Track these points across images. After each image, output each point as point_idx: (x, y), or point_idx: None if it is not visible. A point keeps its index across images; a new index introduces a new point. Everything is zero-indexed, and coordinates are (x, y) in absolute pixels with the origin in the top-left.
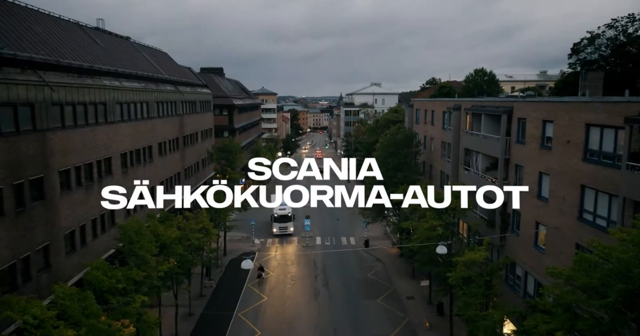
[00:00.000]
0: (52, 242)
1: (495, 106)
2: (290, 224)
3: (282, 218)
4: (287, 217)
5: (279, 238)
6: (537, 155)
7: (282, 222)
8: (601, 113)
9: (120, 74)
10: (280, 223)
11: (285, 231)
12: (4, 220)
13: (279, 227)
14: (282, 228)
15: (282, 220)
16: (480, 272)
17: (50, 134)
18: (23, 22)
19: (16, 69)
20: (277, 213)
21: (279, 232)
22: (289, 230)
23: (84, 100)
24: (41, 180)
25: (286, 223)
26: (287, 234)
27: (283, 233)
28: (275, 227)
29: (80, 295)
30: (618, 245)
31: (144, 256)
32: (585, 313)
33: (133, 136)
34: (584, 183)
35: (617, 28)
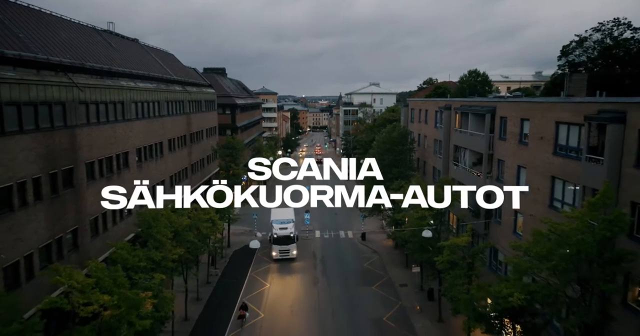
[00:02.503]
0: (80, 226)
1: (480, 106)
2: (293, 246)
3: (283, 240)
4: (289, 238)
5: (278, 265)
6: (516, 150)
7: (282, 244)
8: (567, 112)
9: (135, 75)
10: (281, 246)
11: (286, 255)
12: (43, 204)
13: (279, 250)
14: (283, 252)
15: (283, 242)
16: (463, 255)
17: (78, 130)
18: (50, 28)
19: (50, 71)
20: (277, 233)
21: (279, 256)
22: (291, 253)
23: (105, 99)
24: (71, 171)
25: (288, 246)
26: (288, 258)
27: (284, 257)
28: (274, 250)
29: (110, 269)
30: (565, 221)
31: (160, 239)
32: (540, 279)
33: (146, 133)
34: (554, 175)
35: (603, 31)
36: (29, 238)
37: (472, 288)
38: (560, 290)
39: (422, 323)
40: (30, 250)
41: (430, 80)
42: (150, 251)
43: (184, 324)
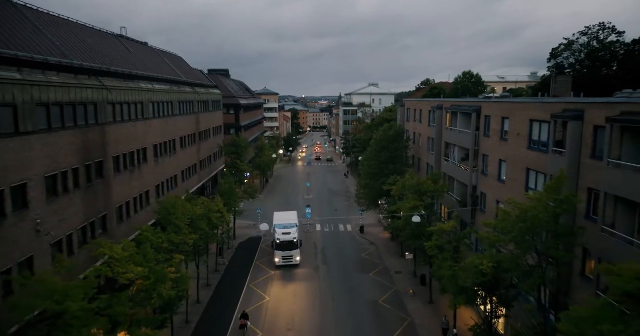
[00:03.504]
0: (108, 212)
1: (468, 106)
2: (297, 252)
3: (286, 246)
4: (293, 243)
5: (281, 272)
6: (498, 146)
7: (286, 249)
8: (539, 112)
9: (151, 77)
10: (284, 252)
11: (289, 261)
12: (80, 191)
13: (282, 256)
14: (286, 258)
15: (286, 247)
16: (449, 240)
17: (106, 127)
18: (78, 36)
19: (84, 75)
20: (280, 239)
21: (282, 262)
22: (294, 259)
23: (128, 100)
24: (101, 163)
25: (291, 252)
26: (292, 265)
27: (287, 263)
28: (277, 256)
29: (140, 247)
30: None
31: (179, 224)
32: (506, 251)
33: (162, 131)
34: (528, 167)
35: (589, 35)
36: (70, 220)
37: (457, 268)
38: (521, 259)
39: (414, 305)
40: (71, 230)
41: (427, 81)
42: (170, 235)
43: (197, 306)
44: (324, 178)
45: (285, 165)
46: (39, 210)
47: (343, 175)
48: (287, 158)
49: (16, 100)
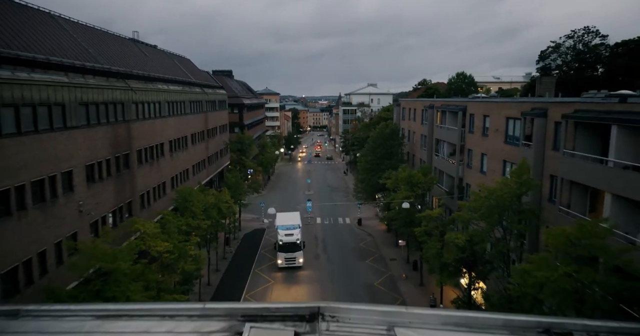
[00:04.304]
0: (133, 200)
1: (455, 105)
2: (300, 254)
3: (289, 247)
4: (296, 245)
5: (283, 273)
6: (480, 141)
7: (288, 251)
8: (513, 110)
9: (167, 79)
10: (287, 254)
11: (292, 263)
12: (112, 179)
13: (285, 258)
14: (289, 260)
15: (289, 248)
16: (437, 225)
17: (131, 124)
18: (103, 42)
19: (113, 78)
20: (283, 240)
21: (285, 264)
22: (297, 261)
23: (148, 99)
24: (128, 156)
25: (294, 253)
26: (295, 267)
27: (290, 265)
28: (280, 258)
29: (164, 227)
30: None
31: (195, 211)
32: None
33: (176, 128)
34: (505, 159)
35: (575, 38)
36: (104, 204)
37: (440, 246)
38: (490, 232)
39: (406, 287)
40: (104, 213)
41: (424, 81)
42: (188, 219)
43: (207, 287)
44: (323, 175)
45: (286, 163)
46: (81, 193)
47: (342, 173)
48: (288, 156)
49: (64, 99)
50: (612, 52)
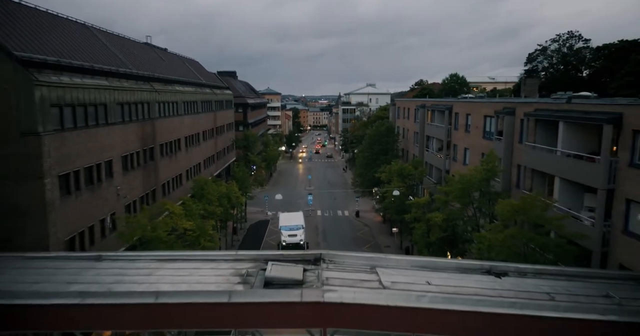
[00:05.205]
0: (156, 188)
1: (443, 105)
2: None
3: (292, 248)
4: (299, 246)
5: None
6: (464, 137)
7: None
8: (489, 109)
9: (182, 81)
10: None
11: None
12: (140, 169)
13: None
14: None
15: (292, 249)
16: (424, 211)
17: (155, 121)
18: (128, 48)
19: (139, 81)
20: (286, 241)
21: None
22: None
23: (168, 100)
24: (152, 149)
25: None
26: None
27: None
28: None
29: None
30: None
31: (211, 198)
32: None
33: (190, 125)
34: (482, 152)
35: (559, 42)
36: (135, 190)
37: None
38: (463, 211)
39: None
40: (135, 198)
41: (421, 81)
42: (205, 205)
43: None
44: (324, 172)
45: (287, 162)
46: (118, 180)
47: (342, 170)
48: (289, 155)
49: (106, 100)
50: (594, 54)
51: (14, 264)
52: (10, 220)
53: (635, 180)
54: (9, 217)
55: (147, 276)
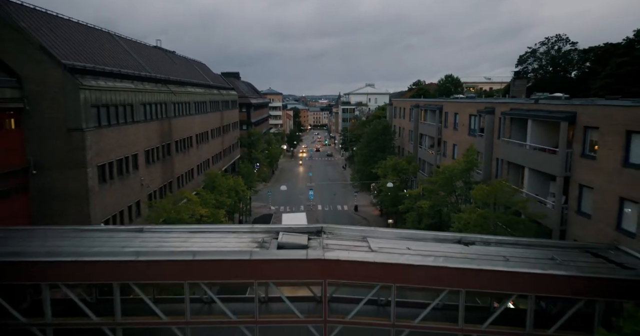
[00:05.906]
0: (172, 181)
1: (435, 105)
2: None
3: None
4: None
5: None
6: (452, 134)
7: None
8: (473, 108)
9: (193, 83)
10: None
11: None
12: (159, 162)
13: None
14: None
15: None
16: (416, 202)
17: (171, 120)
18: (144, 53)
19: (158, 83)
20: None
21: None
22: None
23: (182, 100)
24: (169, 145)
25: None
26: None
27: None
28: None
29: (201, 198)
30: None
31: (222, 190)
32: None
33: (200, 124)
34: (468, 148)
35: (548, 45)
36: (156, 182)
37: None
38: (447, 198)
39: None
40: (155, 189)
41: (418, 81)
42: (216, 195)
43: None
44: (324, 170)
45: (288, 160)
46: (142, 172)
47: (341, 168)
48: (290, 153)
49: (132, 101)
50: (581, 57)
51: (72, 234)
52: (57, 203)
53: (586, 168)
54: (56, 200)
55: (183, 242)
